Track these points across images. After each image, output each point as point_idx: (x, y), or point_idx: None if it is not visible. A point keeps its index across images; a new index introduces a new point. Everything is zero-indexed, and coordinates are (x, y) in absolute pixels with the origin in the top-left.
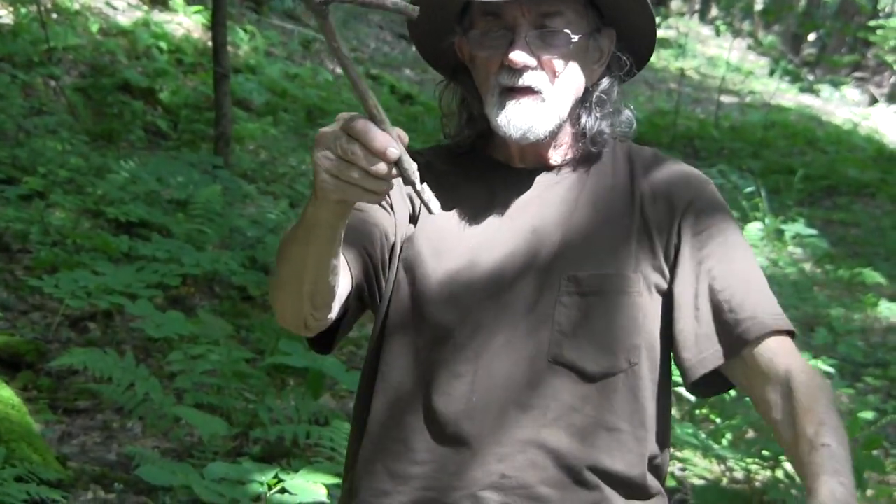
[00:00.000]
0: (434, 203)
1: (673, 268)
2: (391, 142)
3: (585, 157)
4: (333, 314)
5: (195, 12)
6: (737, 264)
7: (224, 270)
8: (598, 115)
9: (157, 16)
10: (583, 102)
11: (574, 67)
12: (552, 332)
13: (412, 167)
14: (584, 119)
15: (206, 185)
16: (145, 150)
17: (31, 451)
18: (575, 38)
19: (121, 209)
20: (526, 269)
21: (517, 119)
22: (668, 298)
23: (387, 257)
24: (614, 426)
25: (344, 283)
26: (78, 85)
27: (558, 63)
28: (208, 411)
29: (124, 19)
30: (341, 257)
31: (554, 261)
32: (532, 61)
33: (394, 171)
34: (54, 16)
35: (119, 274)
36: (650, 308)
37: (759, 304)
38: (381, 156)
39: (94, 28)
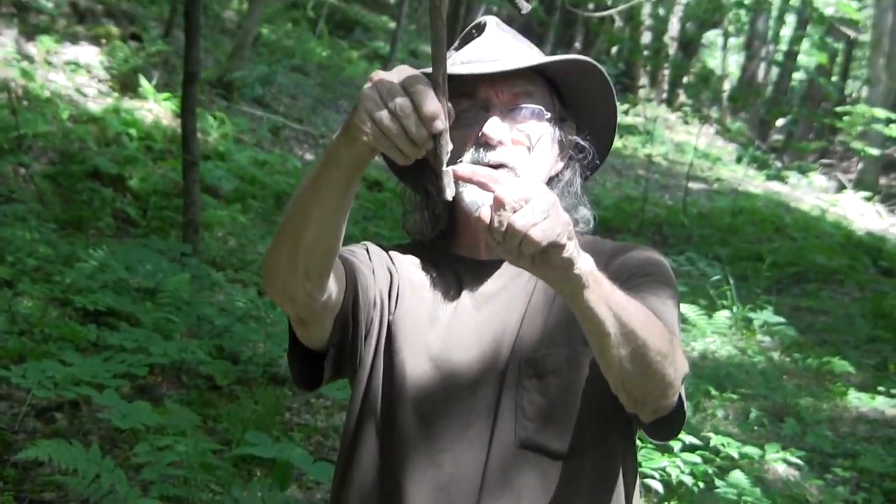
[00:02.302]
0: (449, 190)
1: None
2: (442, 114)
3: None
4: (324, 296)
5: (165, 99)
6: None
7: (192, 360)
8: (563, 205)
9: (127, 103)
10: None
11: (545, 146)
12: (517, 417)
13: (448, 147)
14: None
15: (174, 274)
16: (114, 237)
17: None
18: (547, 114)
19: (89, 298)
20: (493, 360)
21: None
22: None
23: (371, 313)
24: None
25: (339, 285)
26: (47, 172)
27: (533, 137)
28: (174, 503)
29: (94, 106)
30: (338, 267)
31: (514, 348)
32: (507, 136)
33: (430, 144)
34: (25, 103)
35: (86, 364)
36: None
37: None
38: (427, 123)
39: (65, 115)
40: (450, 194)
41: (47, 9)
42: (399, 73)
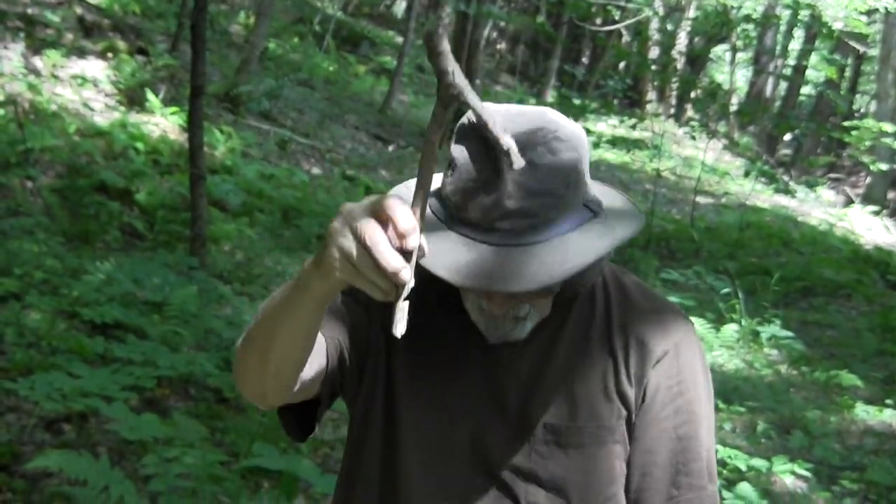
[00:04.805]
0: (401, 326)
1: (635, 418)
2: (416, 229)
3: (566, 299)
4: (295, 390)
5: (172, 113)
6: (671, 435)
7: (199, 372)
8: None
9: (134, 117)
10: None
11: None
12: (528, 481)
13: (410, 283)
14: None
15: (181, 287)
16: (121, 250)
17: None
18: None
19: (96, 311)
20: (502, 416)
21: (495, 334)
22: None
23: (366, 359)
24: None
25: (317, 366)
26: (54, 186)
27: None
28: None
29: (101, 120)
30: (316, 344)
31: (530, 408)
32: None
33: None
34: (31, 117)
35: (94, 376)
36: (625, 455)
37: (661, 479)
38: (402, 239)
39: (72, 129)
40: (400, 331)
41: (54, 23)
42: (369, 202)
